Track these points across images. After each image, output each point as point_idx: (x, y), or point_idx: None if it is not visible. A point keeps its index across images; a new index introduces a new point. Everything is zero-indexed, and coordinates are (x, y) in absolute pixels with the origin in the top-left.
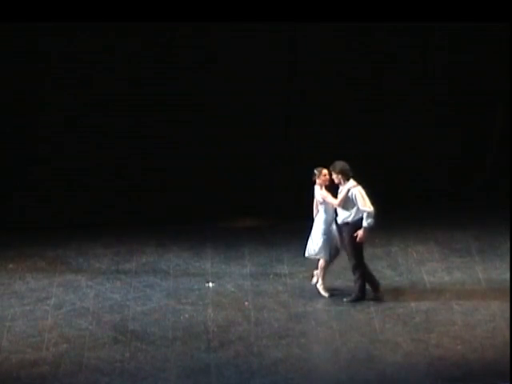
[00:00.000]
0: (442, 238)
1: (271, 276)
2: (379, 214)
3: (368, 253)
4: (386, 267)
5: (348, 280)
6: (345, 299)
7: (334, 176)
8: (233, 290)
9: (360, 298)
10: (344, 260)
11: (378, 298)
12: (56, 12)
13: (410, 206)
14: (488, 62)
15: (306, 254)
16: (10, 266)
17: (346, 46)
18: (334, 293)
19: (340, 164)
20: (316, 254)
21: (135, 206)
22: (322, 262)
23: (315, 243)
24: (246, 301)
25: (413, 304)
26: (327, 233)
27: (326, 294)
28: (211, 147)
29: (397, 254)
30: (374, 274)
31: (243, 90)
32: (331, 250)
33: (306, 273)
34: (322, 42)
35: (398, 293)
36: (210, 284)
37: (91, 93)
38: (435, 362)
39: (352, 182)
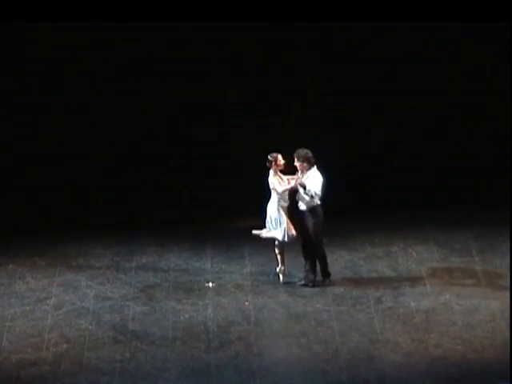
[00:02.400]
0: (442, 238)
1: (271, 276)
2: (380, 213)
3: (368, 253)
4: (386, 267)
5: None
6: (298, 282)
7: (298, 163)
8: (233, 290)
9: (312, 280)
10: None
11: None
12: (55, 12)
13: (409, 206)
14: (488, 62)
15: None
16: (10, 266)
17: (346, 47)
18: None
19: (304, 151)
20: (272, 235)
21: (135, 206)
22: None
23: (273, 226)
24: (246, 301)
25: (413, 304)
26: (282, 216)
27: (283, 279)
28: (211, 147)
29: (397, 254)
30: (374, 274)
31: (243, 90)
32: (288, 232)
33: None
34: (320, 42)
35: (398, 293)
36: (210, 284)
37: (91, 93)
38: (435, 362)
39: (315, 170)
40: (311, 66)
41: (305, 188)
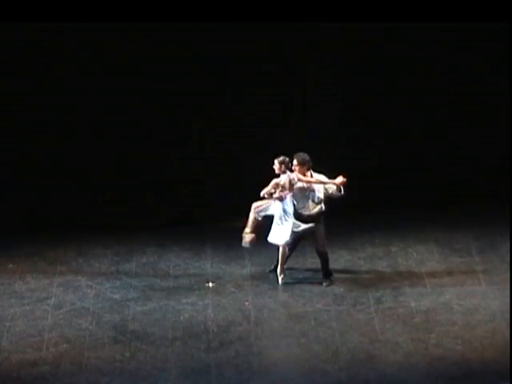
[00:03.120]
0: (442, 238)
1: (271, 276)
2: (380, 213)
3: (368, 253)
4: (386, 267)
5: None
6: (324, 284)
7: (298, 167)
8: (233, 289)
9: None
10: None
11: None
12: (55, 12)
13: (409, 206)
14: (488, 62)
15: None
16: (10, 265)
17: (347, 47)
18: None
19: (304, 155)
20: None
21: (135, 206)
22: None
23: (283, 230)
24: (246, 301)
25: (413, 304)
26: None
27: (283, 279)
28: (211, 147)
29: (397, 254)
30: (374, 274)
31: (242, 90)
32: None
33: (305, 273)
34: (321, 42)
35: (398, 293)
36: (210, 284)
37: (91, 93)
38: (435, 362)
39: (313, 173)
40: (311, 66)
41: (340, 191)
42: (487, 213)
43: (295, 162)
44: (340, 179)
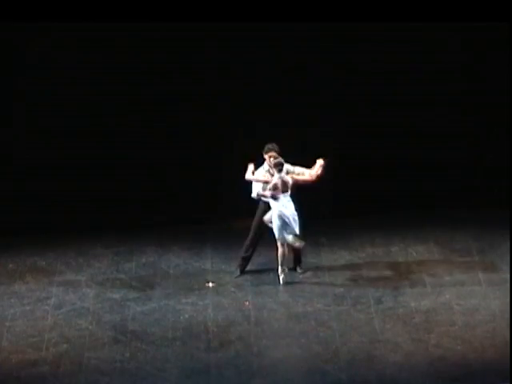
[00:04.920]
0: (442, 238)
1: (271, 276)
2: (380, 213)
3: (368, 253)
4: (386, 267)
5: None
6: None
7: (273, 157)
8: (233, 289)
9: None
10: None
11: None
12: (55, 12)
13: (409, 206)
14: (488, 62)
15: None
16: (10, 265)
17: (346, 46)
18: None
19: (274, 144)
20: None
21: (135, 206)
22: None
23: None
24: (246, 301)
25: (413, 304)
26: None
27: (283, 279)
28: (212, 147)
29: (397, 254)
30: (374, 274)
31: (243, 89)
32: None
33: (305, 272)
34: (322, 41)
35: (398, 293)
36: (210, 284)
37: (91, 93)
38: (435, 362)
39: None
40: (310, 66)
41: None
42: (487, 213)
43: (273, 152)
44: (319, 166)
